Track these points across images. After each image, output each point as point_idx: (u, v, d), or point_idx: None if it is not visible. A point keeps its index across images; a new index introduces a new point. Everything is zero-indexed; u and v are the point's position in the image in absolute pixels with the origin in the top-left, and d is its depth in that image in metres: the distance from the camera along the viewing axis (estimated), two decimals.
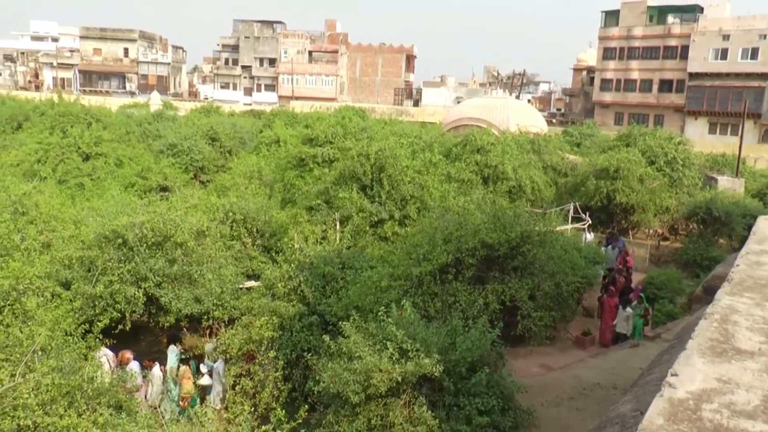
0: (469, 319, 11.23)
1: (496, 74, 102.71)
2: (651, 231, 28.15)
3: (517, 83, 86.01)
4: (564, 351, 16.48)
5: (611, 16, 75.10)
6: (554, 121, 76.09)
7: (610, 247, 22.59)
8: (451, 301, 12.62)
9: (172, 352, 14.09)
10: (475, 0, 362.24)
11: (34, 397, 7.86)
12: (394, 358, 9.22)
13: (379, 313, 10.23)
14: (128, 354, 13.18)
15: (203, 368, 13.86)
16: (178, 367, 13.78)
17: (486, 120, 38.44)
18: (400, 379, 9.14)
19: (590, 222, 24.45)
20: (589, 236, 23.33)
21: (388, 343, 9.43)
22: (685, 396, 3.25)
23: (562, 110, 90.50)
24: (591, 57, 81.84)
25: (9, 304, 11.05)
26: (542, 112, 65.78)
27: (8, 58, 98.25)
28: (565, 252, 15.40)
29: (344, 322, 10.41)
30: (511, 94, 54.27)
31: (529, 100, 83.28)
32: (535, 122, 40.78)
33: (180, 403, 13.28)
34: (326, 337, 10.39)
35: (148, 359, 13.84)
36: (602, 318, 17.54)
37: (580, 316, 18.56)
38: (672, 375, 3.26)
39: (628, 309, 16.69)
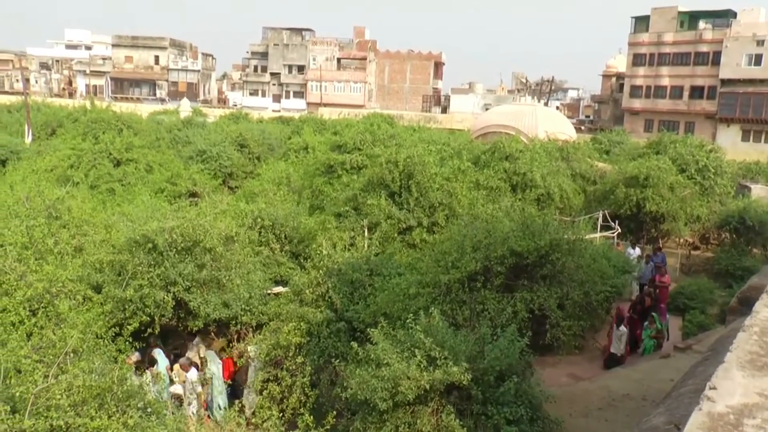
0: (498, 328, 11.15)
1: (524, 81, 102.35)
2: (681, 240, 27.77)
3: (545, 90, 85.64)
4: (592, 361, 16.31)
5: (641, 22, 74.39)
6: (583, 128, 75.47)
7: (642, 259, 21.97)
8: (479, 309, 12.55)
9: (159, 354, 14.18)
10: (504, 7, 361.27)
11: (66, 398, 7.97)
12: (422, 366, 9.19)
13: (408, 321, 10.21)
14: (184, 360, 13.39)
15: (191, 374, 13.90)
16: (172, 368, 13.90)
17: (514, 127, 38.27)
18: (428, 386, 9.11)
19: (619, 230, 24.20)
20: (634, 252, 22.47)
21: (417, 350, 9.41)
22: (725, 410, 3.18)
23: (591, 117, 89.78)
24: (620, 63, 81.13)
25: (43, 307, 11.25)
26: (571, 119, 65.35)
27: (44, 66, 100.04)
28: (594, 261, 15.25)
29: (372, 329, 10.41)
30: (539, 101, 54.07)
31: (557, 107, 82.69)
32: (563, 129, 40.54)
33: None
34: (354, 344, 10.38)
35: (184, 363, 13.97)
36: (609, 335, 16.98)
37: (609, 326, 18.35)
38: (710, 388, 3.19)
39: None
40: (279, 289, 16.06)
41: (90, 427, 7.89)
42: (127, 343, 11.51)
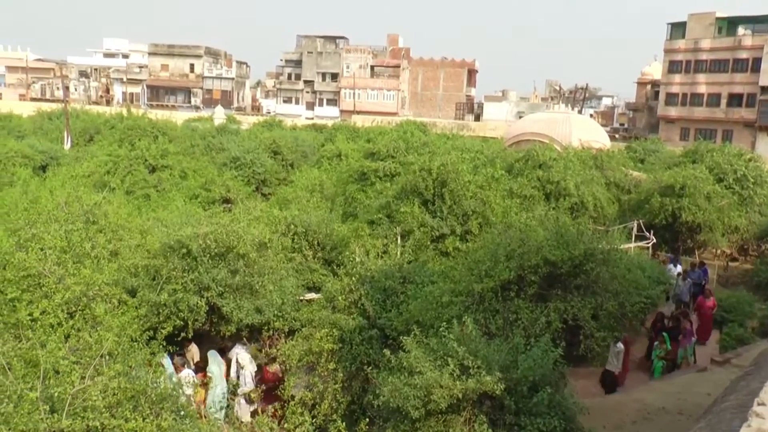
0: (531, 338, 11.06)
1: (558, 88, 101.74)
2: (719, 251, 27.33)
3: (579, 97, 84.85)
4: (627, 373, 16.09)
5: (677, 29, 73.46)
6: (617, 136, 74.69)
7: (680, 276, 21.33)
8: (512, 318, 12.45)
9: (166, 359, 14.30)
10: (537, 14, 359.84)
11: (101, 399, 8.09)
12: (455, 375, 9.15)
13: (440, 329, 10.18)
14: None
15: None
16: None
17: (548, 135, 38.01)
18: (460, 395, 9.07)
19: (654, 240, 23.87)
20: (675, 269, 21.77)
21: (449, 359, 9.37)
22: None
23: (626, 125, 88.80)
24: (656, 70, 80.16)
25: (80, 310, 11.44)
26: (605, 127, 64.70)
27: (83, 74, 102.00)
28: (629, 271, 15.04)
29: (405, 337, 10.39)
30: (573, 109, 53.56)
31: (591, 115, 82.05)
32: (597, 137, 40.15)
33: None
34: (387, 351, 10.37)
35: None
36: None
37: (643, 338, 18.10)
38: (759, 404, 3.11)
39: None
40: (311, 295, 16.12)
41: (125, 428, 8.00)
42: (161, 346, 11.66)
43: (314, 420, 9.45)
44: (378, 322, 13.25)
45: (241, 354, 14.51)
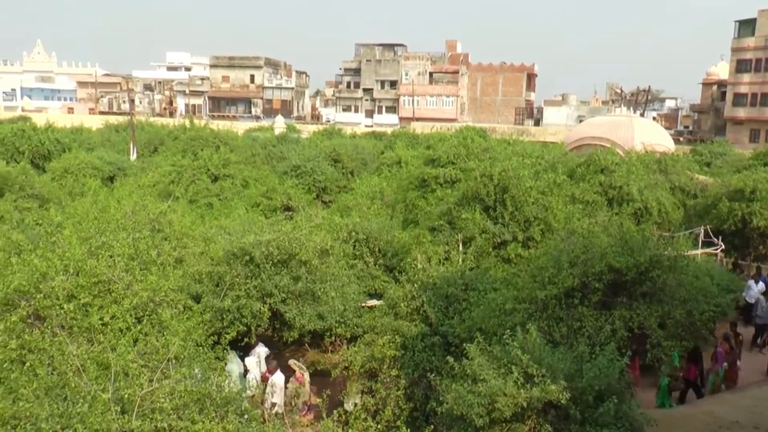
0: (596, 346, 10.86)
1: (619, 91, 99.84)
2: None
3: (641, 100, 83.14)
4: None
5: (746, 26, 71.13)
6: (681, 139, 72.86)
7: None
8: (576, 326, 12.25)
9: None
10: (597, 15, 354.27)
11: (169, 401, 8.31)
12: (519, 383, 9.08)
13: (504, 336, 10.10)
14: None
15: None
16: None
17: (609, 139, 37.44)
18: (525, 404, 8.99)
19: (723, 246, 23.17)
20: (757, 286, 20.24)
21: (513, 367, 9.30)
22: None
23: (690, 128, 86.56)
24: (723, 70, 77.82)
25: (147, 315, 11.75)
26: (668, 130, 63.25)
27: (147, 87, 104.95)
28: (697, 278, 14.64)
29: (468, 344, 10.35)
30: (635, 112, 52.49)
31: (654, 118, 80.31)
32: (661, 141, 39.33)
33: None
34: (450, 359, 10.35)
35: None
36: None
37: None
38: None
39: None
40: (373, 302, 16.20)
41: (191, 430, 8.19)
42: (225, 351, 11.90)
43: (377, 426, 9.45)
44: (440, 329, 13.23)
45: (248, 358, 14.61)
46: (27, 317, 10.87)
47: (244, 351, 14.53)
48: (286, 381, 14.03)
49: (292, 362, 14.57)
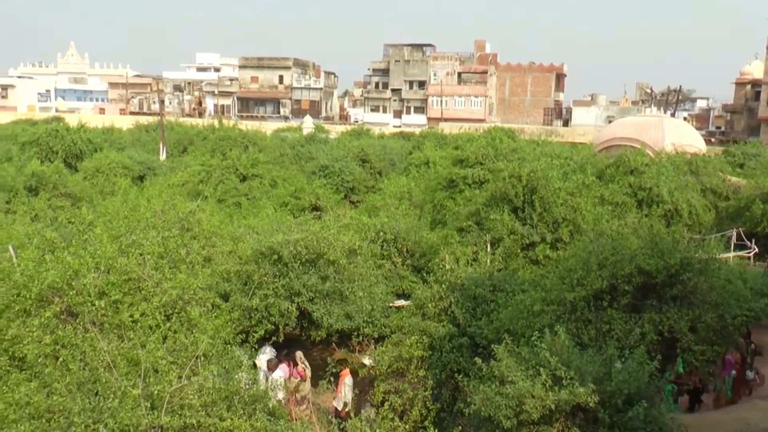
0: (625, 349, 10.76)
1: (649, 91, 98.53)
2: None
3: (672, 100, 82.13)
4: None
5: None
6: (713, 140, 71.72)
7: None
8: (605, 329, 12.14)
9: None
10: (628, 15, 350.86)
11: (197, 398, 8.42)
12: (547, 385, 9.03)
13: (532, 338, 10.05)
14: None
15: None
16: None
17: (639, 140, 36.99)
18: (553, 406, 8.94)
19: (756, 250, 22.79)
20: None
21: (542, 369, 9.26)
22: None
23: (722, 128, 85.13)
24: (757, 69, 76.28)
25: (176, 312, 11.89)
26: (700, 130, 62.23)
27: (177, 88, 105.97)
28: (729, 282, 14.40)
29: (496, 345, 10.32)
30: (665, 112, 51.84)
31: (685, 118, 79.03)
32: (692, 141, 38.76)
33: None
34: (478, 360, 10.33)
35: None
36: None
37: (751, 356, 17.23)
38: None
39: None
40: (401, 302, 16.22)
41: (220, 427, 8.29)
42: (253, 349, 11.99)
43: (405, 426, 9.49)
44: (468, 330, 13.20)
45: (260, 357, 14.68)
46: (60, 313, 11.07)
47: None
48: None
49: (298, 354, 14.65)
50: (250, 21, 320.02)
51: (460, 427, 9.61)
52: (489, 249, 17.37)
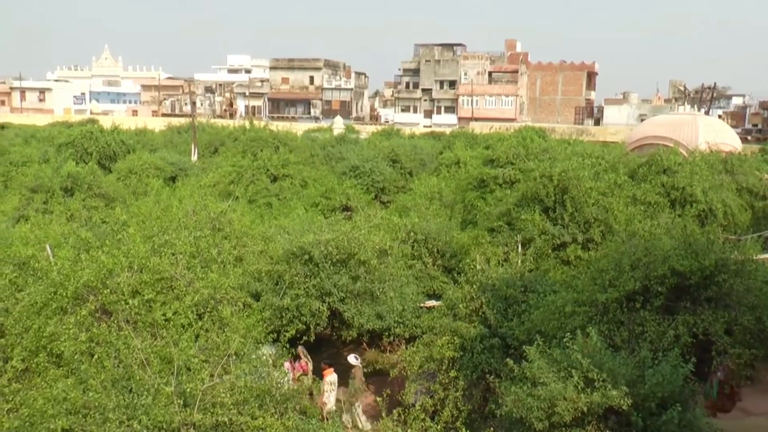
0: (658, 351, 10.62)
1: (682, 89, 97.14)
2: None
3: (706, 98, 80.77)
4: (766, 394, 15.06)
5: None
6: (750, 138, 70.51)
7: None
8: (638, 330, 11.98)
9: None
10: (660, 12, 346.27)
11: (229, 396, 8.50)
12: (579, 387, 8.96)
13: (564, 339, 9.97)
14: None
15: None
16: None
17: (672, 138, 36.40)
18: (585, 409, 8.87)
19: None
20: None
21: (574, 370, 9.18)
22: None
23: (759, 126, 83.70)
24: None
25: (208, 311, 12.03)
26: (735, 128, 61.08)
27: (208, 89, 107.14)
28: (767, 284, 14.15)
29: (527, 346, 10.25)
30: (699, 110, 51.07)
31: (720, 116, 77.71)
32: (727, 140, 38.05)
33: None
34: (509, 361, 10.27)
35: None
36: None
37: None
38: None
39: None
40: (432, 302, 16.21)
41: (251, 425, 8.35)
42: (284, 348, 12.07)
43: (437, 427, 9.48)
44: (499, 331, 13.13)
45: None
46: (95, 311, 11.27)
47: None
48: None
49: (300, 348, 14.69)
50: (281, 23, 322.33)
51: (491, 429, 9.59)
52: (520, 249, 17.27)
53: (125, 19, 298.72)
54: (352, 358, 14.83)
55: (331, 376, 14.08)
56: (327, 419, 12.47)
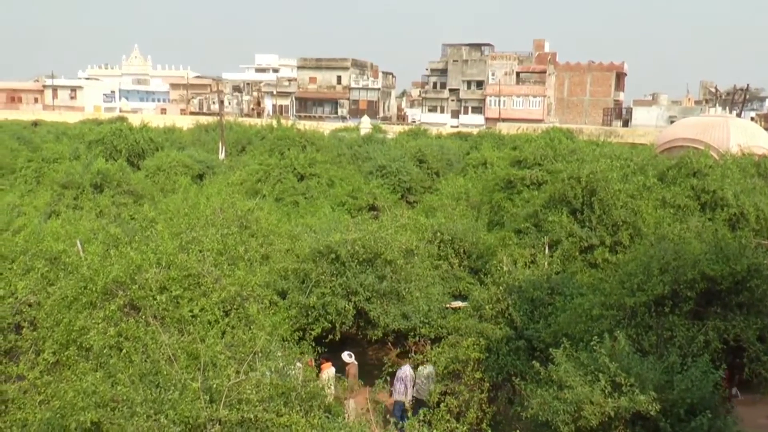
0: (688, 357, 10.48)
1: (713, 90, 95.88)
2: None
3: (738, 99, 79.51)
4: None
5: None
6: None
7: None
8: (667, 335, 11.83)
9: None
10: (690, 11, 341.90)
11: (255, 393, 8.55)
12: (606, 391, 8.89)
13: (591, 343, 9.88)
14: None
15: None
16: None
17: (703, 141, 35.91)
18: (612, 413, 8.81)
19: None
20: None
21: (601, 374, 9.11)
22: None
23: None
24: None
25: (235, 309, 12.12)
26: None
27: (236, 88, 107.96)
28: None
29: (554, 349, 10.19)
30: (731, 112, 50.30)
31: (752, 118, 76.41)
32: (760, 142, 37.43)
33: None
34: (536, 363, 10.21)
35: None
36: None
37: None
38: None
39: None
40: (458, 303, 16.16)
41: (277, 422, 8.38)
42: (310, 346, 12.12)
43: (462, 428, 9.46)
44: (525, 333, 13.07)
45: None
46: (124, 306, 11.39)
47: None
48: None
49: (345, 354, 14.74)
50: (309, 22, 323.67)
51: (516, 431, 9.52)
52: (547, 251, 17.17)
53: (155, 19, 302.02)
54: (345, 356, 14.88)
55: (329, 370, 14.10)
56: None
